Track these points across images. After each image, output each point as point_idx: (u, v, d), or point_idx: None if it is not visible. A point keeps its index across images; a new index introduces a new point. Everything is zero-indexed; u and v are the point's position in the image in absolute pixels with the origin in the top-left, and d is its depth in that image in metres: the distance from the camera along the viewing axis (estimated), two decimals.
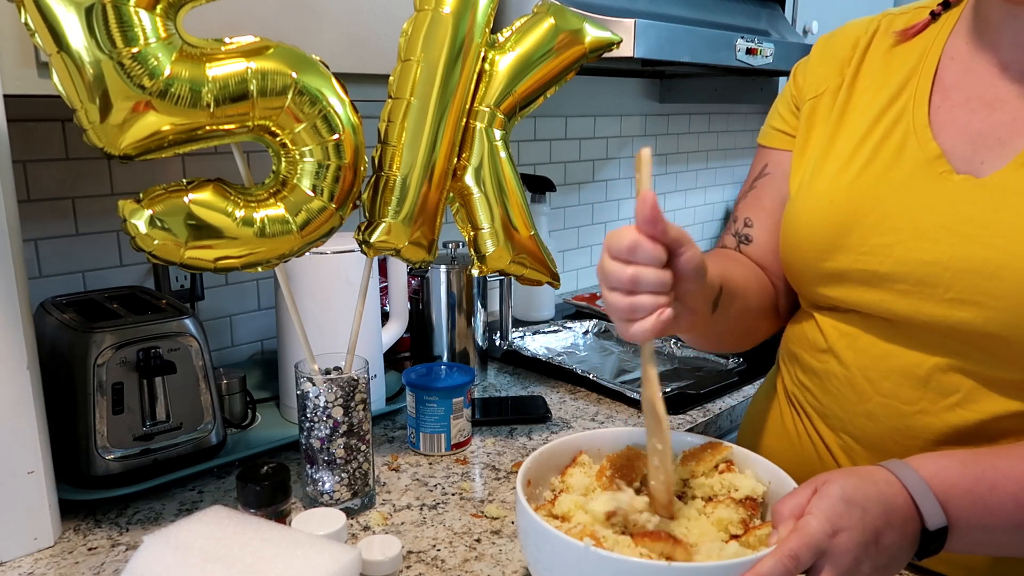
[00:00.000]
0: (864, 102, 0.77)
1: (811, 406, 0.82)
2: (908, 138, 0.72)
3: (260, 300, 1.33)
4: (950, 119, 0.71)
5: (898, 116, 0.74)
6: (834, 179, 0.75)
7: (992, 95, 0.70)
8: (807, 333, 0.82)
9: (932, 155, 0.70)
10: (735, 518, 0.65)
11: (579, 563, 0.59)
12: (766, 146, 0.89)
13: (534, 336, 1.48)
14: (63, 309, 0.92)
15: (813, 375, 0.81)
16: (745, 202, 0.89)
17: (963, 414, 0.69)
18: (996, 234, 0.65)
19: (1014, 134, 0.67)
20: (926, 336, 0.70)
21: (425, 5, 0.81)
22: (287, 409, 1.08)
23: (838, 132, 0.78)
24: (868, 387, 0.74)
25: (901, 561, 0.60)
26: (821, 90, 0.82)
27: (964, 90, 0.72)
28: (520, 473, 0.69)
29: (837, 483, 0.59)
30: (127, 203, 0.70)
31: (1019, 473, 0.62)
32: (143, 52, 0.64)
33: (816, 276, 0.77)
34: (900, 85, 0.75)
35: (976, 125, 0.70)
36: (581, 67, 0.89)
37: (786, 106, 0.86)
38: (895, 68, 0.77)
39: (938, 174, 0.69)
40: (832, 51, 0.83)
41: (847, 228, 0.73)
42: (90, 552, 0.79)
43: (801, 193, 0.79)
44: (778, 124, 0.87)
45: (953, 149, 0.70)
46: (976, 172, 0.68)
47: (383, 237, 0.82)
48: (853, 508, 0.58)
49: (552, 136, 1.77)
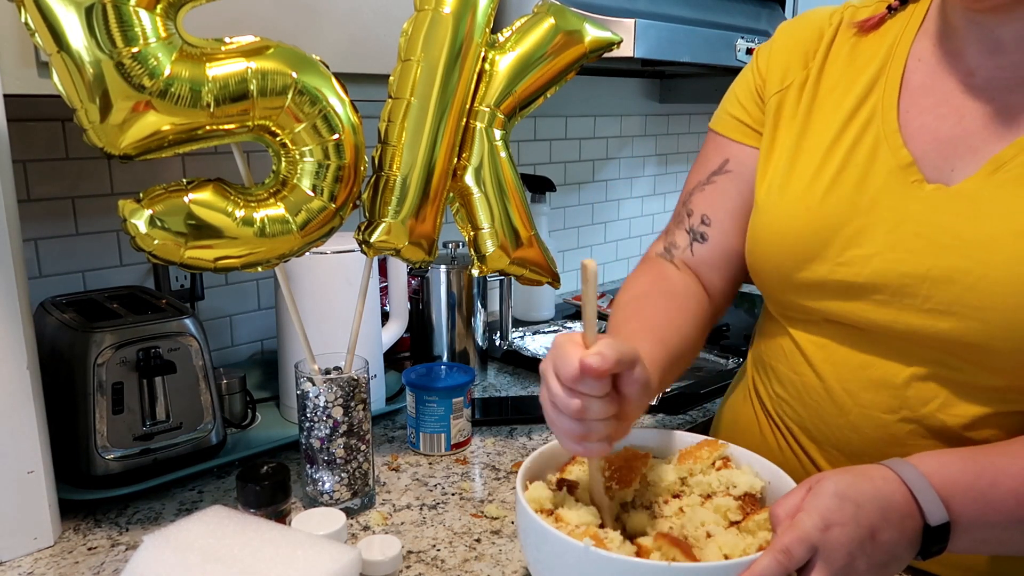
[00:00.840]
0: (831, 102, 0.76)
1: (792, 420, 0.81)
2: (879, 144, 0.71)
3: (260, 300, 1.32)
4: (919, 124, 0.71)
5: (868, 120, 0.73)
6: (807, 186, 0.74)
7: (960, 101, 0.69)
8: (782, 346, 0.81)
9: (904, 162, 0.70)
10: (733, 506, 0.66)
11: (579, 563, 0.59)
12: (724, 136, 0.85)
13: (534, 336, 1.48)
14: (63, 309, 0.92)
15: (792, 387, 0.80)
16: (703, 196, 0.85)
17: (943, 419, 0.69)
18: (972, 245, 0.65)
19: (984, 141, 0.67)
20: (903, 346, 0.70)
21: (425, 5, 0.81)
22: (287, 409, 1.08)
23: (806, 133, 0.76)
24: (848, 399, 0.74)
25: (901, 559, 0.60)
26: (787, 83, 0.79)
27: (932, 95, 0.71)
28: (520, 473, 0.69)
29: (831, 480, 0.60)
30: (127, 203, 0.70)
31: (1018, 470, 0.62)
32: (143, 52, 0.64)
33: (791, 285, 0.76)
34: (868, 85, 0.74)
35: (945, 131, 0.69)
36: (581, 67, 0.89)
37: (747, 94, 0.83)
38: (861, 66, 0.75)
39: (910, 182, 0.69)
40: (796, 40, 0.80)
41: (823, 238, 0.72)
42: (90, 552, 0.79)
43: (771, 200, 0.77)
44: (738, 113, 0.84)
45: (923, 156, 0.69)
46: (947, 180, 0.68)
47: (383, 237, 0.82)
48: (847, 504, 0.58)
49: (552, 136, 1.77)
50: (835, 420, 0.76)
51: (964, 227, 0.65)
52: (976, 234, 0.65)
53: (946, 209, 0.67)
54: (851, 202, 0.71)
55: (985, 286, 0.64)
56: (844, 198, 0.72)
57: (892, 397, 0.71)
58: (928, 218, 0.67)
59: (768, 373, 0.84)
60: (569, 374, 0.58)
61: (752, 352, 0.90)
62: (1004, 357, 0.64)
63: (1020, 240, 0.63)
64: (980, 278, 0.64)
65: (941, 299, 0.66)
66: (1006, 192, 0.64)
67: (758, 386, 0.87)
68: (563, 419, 0.60)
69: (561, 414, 0.60)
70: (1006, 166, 0.65)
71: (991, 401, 0.68)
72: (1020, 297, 0.62)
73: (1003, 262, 0.63)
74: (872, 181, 0.71)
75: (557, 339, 0.61)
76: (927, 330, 0.67)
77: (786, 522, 0.58)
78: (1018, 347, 0.63)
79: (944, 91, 0.70)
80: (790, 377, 0.80)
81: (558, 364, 0.59)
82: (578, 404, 0.58)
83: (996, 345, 0.64)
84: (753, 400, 0.88)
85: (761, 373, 0.86)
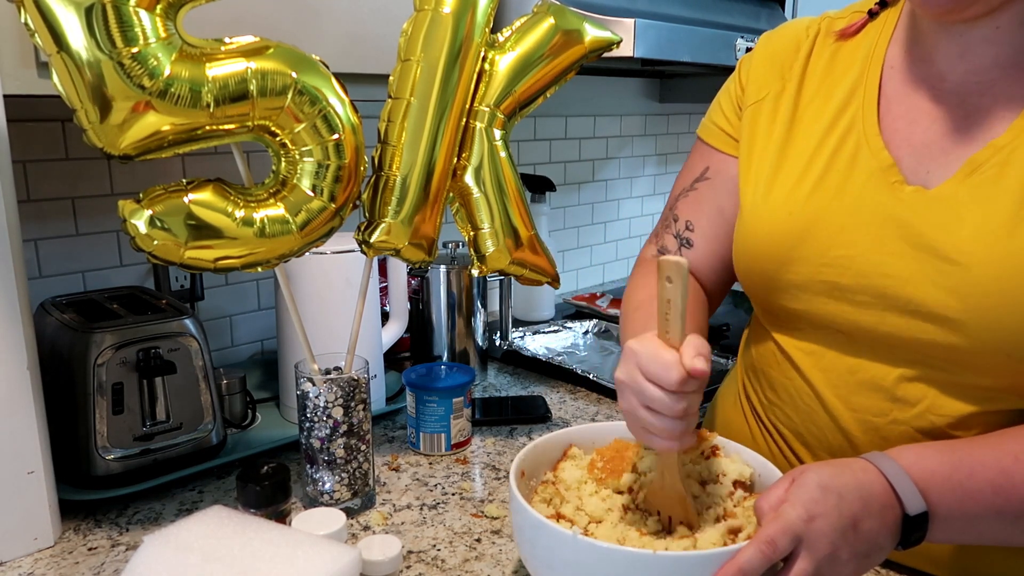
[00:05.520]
0: (813, 111, 0.77)
1: (783, 424, 0.82)
2: (861, 148, 0.72)
3: (260, 300, 1.32)
4: (895, 130, 0.72)
5: (849, 126, 0.74)
6: (791, 191, 0.75)
7: (931, 106, 0.71)
8: (772, 353, 0.82)
9: (885, 164, 0.71)
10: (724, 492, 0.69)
11: (560, 547, 0.62)
12: (707, 143, 0.87)
13: (534, 336, 1.48)
14: (63, 309, 0.92)
15: (783, 392, 0.81)
16: (686, 202, 0.88)
17: (932, 419, 0.70)
18: (952, 247, 0.65)
19: (956, 144, 0.68)
20: (889, 348, 0.71)
21: (425, 5, 0.81)
22: (287, 409, 1.08)
23: (789, 142, 0.78)
24: (839, 404, 0.75)
25: (883, 549, 0.61)
26: (762, 95, 0.81)
27: (904, 101, 0.72)
28: (513, 466, 0.70)
29: (813, 472, 0.61)
30: (127, 203, 0.70)
31: (994, 461, 0.63)
32: (143, 52, 0.64)
33: (776, 287, 0.77)
34: (848, 93, 0.75)
35: (919, 136, 0.70)
36: (581, 67, 0.89)
37: (730, 104, 0.85)
38: (840, 75, 0.77)
39: (891, 184, 0.70)
40: (773, 53, 0.82)
41: (806, 239, 0.73)
42: (90, 552, 0.79)
43: (756, 206, 0.78)
44: (721, 123, 0.85)
45: (900, 160, 0.71)
46: (925, 183, 0.69)
47: (383, 237, 0.82)
48: (829, 495, 0.59)
49: (552, 136, 1.77)
50: (826, 424, 0.76)
51: (943, 229, 0.66)
52: (955, 236, 0.66)
53: (925, 212, 0.68)
54: (833, 203, 0.72)
55: (964, 288, 0.65)
56: (826, 200, 0.73)
57: (882, 399, 0.72)
58: (909, 220, 0.68)
59: (759, 379, 0.85)
60: (675, 379, 0.59)
61: (742, 359, 0.91)
62: (986, 356, 0.65)
63: (998, 241, 0.64)
64: (959, 280, 0.65)
65: (922, 301, 0.67)
66: (982, 193, 0.65)
67: (749, 392, 0.88)
68: (664, 421, 0.61)
69: (661, 417, 0.61)
70: (981, 168, 0.66)
71: (979, 400, 0.68)
72: (998, 298, 0.63)
73: (980, 263, 0.64)
74: (854, 183, 0.72)
75: (634, 346, 0.62)
76: (911, 331, 0.68)
77: (771, 514, 0.59)
78: (999, 347, 0.64)
79: (916, 97, 0.72)
80: (781, 383, 0.81)
81: (655, 371, 0.60)
82: (685, 405, 0.60)
83: (977, 346, 0.65)
84: (744, 406, 0.89)
85: (752, 379, 0.87)
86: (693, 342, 0.60)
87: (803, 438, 0.80)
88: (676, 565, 0.59)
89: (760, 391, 0.85)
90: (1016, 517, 0.63)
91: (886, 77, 0.74)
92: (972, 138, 0.68)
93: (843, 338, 0.74)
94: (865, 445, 0.74)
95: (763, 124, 0.80)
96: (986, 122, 0.67)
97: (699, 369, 0.58)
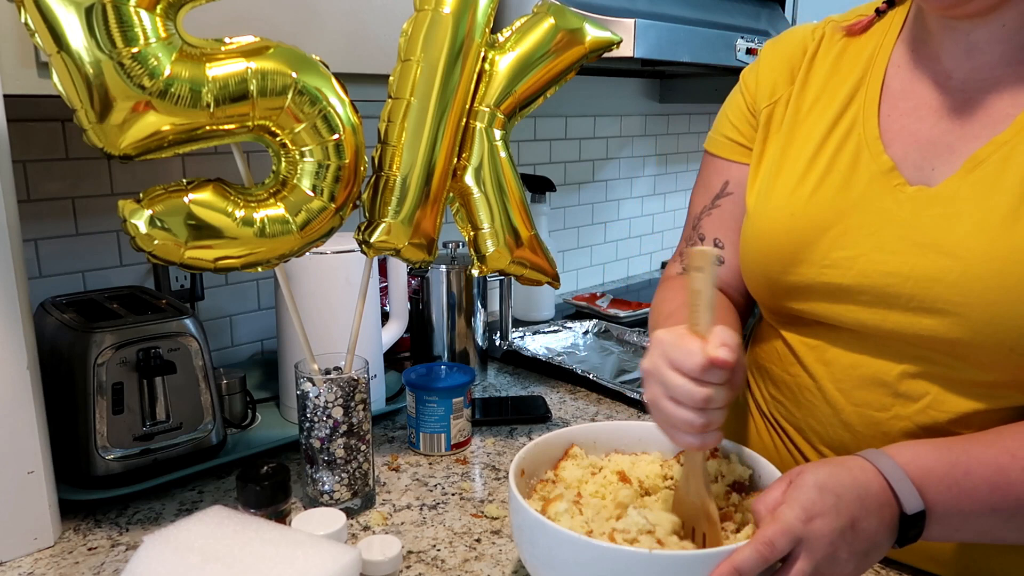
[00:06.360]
0: (815, 112, 0.78)
1: (787, 420, 0.82)
2: (861, 151, 0.73)
3: (260, 300, 1.32)
4: (899, 127, 0.72)
5: (850, 127, 0.74)
6: (792, 192, 0.76)
7: (938, 103, 0.71)
8: (776, 349, 0.82)
9: (885, 168, 0.71)
10: (721, 492, 0.69)
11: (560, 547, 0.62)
12: (720, 157, 0.87)
13: (534, 336, 1.48)
14: (63, 309, 0.92)
15: (786, 388, 0.81)
16: (710, 220, 0.88)
17: (934, 415, 0.70)
18: (953, 243, 0.66)
19: (961, 140, 0.69)
20: (893, 344, 0.71)
21: (425, 5, 0.81)
22: (287, 409, 1.08)
23: (791, 143, 0.78)
24: (841, 398, 0.75)
25: (881, 547, 0.61)
26: (776, 97, 0.81)
27: (911, 98, 0.73)
28: (513, 465, 0.70)
29: (810, 473, 0.61)
30: (127, 203, 0.70)
31: (991, 458, 0.63)
32: (143, 52, 0.64)
33: (780, 289, 0.77)
34: (849, 94, 0.76)
35: (925, 133, 0.71)
36: (581, 67, 0.89)
37: (739, 114, 0.85)
38: (843, 76, 0.77)
39: (892, 187, 0.70)
40: (782, 57, 0.82)
41: (808, 241, 0.74)
42: (90, 552, 0.79)
43: (759, 208, 0.79)
44: (732, 134, 0.85)
45: (904, 158, 0.71)
46: (928, 180, 0.69)
47: (383, 237, 0.82)
48: (827, 495, 0.59)
49: (552, 136, 1.77)
50: (829, 419, 0.77)
51: (944, 226, 0.67)
52: (955, 232, 0.66)
53: (927, 209, 0.68)
54: (834, 205, 0.73)
55: (965, 283, 0.65)
56: (827, 202, 0.73)
57: (884, 395, 0.72)
58: (909, 219, 0.69)
59: (763, 375, 0.86)
60: (696, 365, 0.59)
61: (747, 356, 0.91)
62: (988, 352, 0.65)
63: (997, 236, 0.64)
64: (960, 275, 0.65)
65: (924, 297, 0.67)
66: (983, 189, 0.66)
67: (753, 388, 0.89)
68: (684, 412, 0.61)
69: (681, 407, 0.61)
70: (983, 164, 0.66)
71: (981, 396, 0.69)
72: (999, 292, 0.64)
73: (980, 258, 0.64)
74: (855, 186, 0.72)
75: (661, 336, 0.63)
76: (913, 328, 0.69)
77: (768, 516, 0.59)
78: (1000, 342, 0.64)
79: (922, 94, 0.72)
80: (784, 378, 0.81)
81: (678, 357, 0.61)
82: (705, 393, 0.60)
83: (979, 340, 0.65)
84: (748, 402, 0.90)
85: (756, 375, 0.88)
86: (720, 332, 0.60)
87: (805, 433, 0.80)
88: (673, 564, 0.59)
89: (763, 387, 0.86)
90: (1012, 514, 0.63)
91: (891, 75, 0.75)
92: (976, 134, 0.68)
93: (846, 335, 0.74)
94: (867, 440, 0.74)
95: (775, 126, 0.81)
96: (990, 119, 0.68)
97: (721, 358, 0.58)
